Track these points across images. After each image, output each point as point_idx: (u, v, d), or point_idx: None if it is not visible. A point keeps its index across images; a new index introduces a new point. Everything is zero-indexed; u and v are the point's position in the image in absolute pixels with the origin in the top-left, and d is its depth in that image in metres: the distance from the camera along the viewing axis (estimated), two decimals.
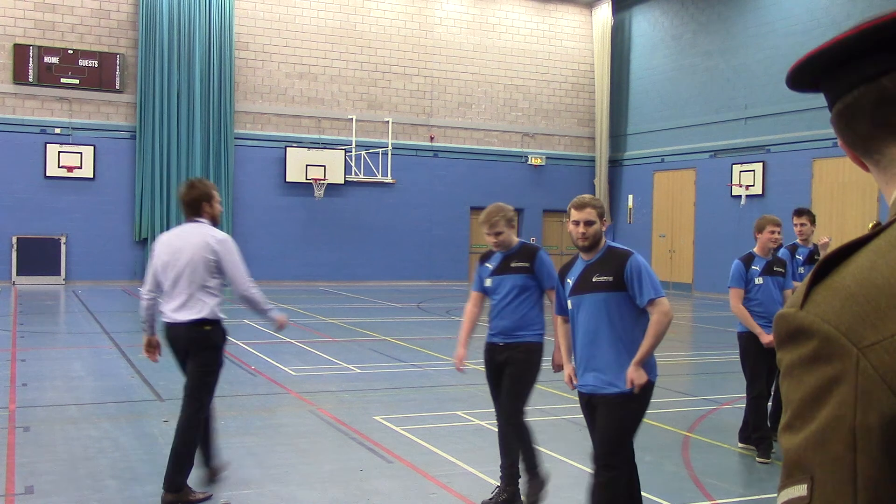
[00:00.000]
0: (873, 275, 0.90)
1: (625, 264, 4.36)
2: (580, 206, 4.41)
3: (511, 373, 5.32)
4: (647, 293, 4.34)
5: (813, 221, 7.70)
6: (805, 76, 1.05)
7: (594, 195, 4.85)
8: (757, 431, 6.75)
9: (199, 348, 5.34)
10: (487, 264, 5.43)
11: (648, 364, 4.40)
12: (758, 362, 6.78)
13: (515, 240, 5.44)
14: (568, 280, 4.56)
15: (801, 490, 0.89)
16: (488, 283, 5.46)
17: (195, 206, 5.40)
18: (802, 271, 7.41)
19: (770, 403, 7.34)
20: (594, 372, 4.41)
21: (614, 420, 4.37)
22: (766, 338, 6.59)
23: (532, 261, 5.32)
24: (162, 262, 5.36)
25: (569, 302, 4.54)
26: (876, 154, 1.01)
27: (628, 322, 4.39)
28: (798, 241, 7.64)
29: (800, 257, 7.53)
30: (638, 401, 4.36)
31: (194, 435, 5.34)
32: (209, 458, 5.66)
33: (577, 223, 4.41)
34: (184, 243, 5.31)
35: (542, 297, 5.41)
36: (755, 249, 6.91)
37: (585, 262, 4.48)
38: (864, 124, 1.00)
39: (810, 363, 0.90)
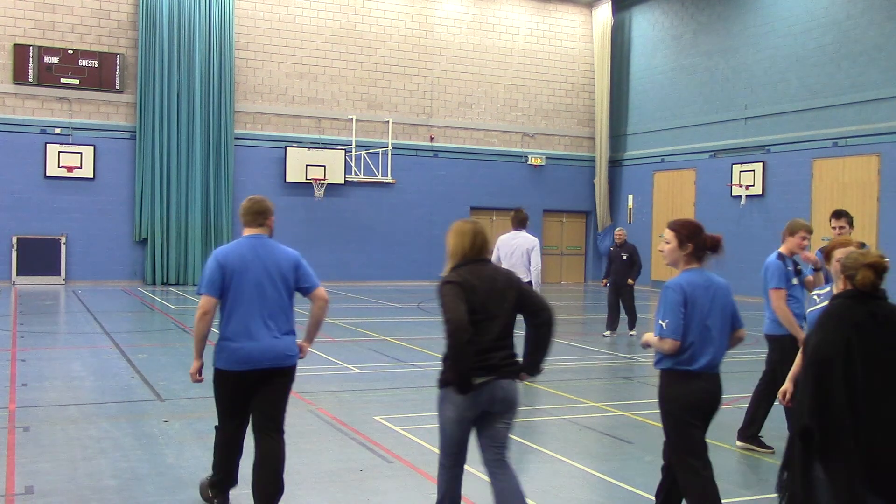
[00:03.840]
0: None
1: None
2: None
3: None
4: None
5: (851, 224, 7.52)
6: None
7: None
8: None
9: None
10: None
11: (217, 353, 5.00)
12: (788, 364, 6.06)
13: None
14: None
15: None
16: None
17: (524, 221, 9.92)
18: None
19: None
20: None
21: None
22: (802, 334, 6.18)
23: None
24: (504, 252, 9.67)
25: None
26: None
27: None
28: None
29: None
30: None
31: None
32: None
33: None
34: (519, 241, 9.76)
35: None
36: (783, 250, 6.69)
37: None
38: None
39: None
